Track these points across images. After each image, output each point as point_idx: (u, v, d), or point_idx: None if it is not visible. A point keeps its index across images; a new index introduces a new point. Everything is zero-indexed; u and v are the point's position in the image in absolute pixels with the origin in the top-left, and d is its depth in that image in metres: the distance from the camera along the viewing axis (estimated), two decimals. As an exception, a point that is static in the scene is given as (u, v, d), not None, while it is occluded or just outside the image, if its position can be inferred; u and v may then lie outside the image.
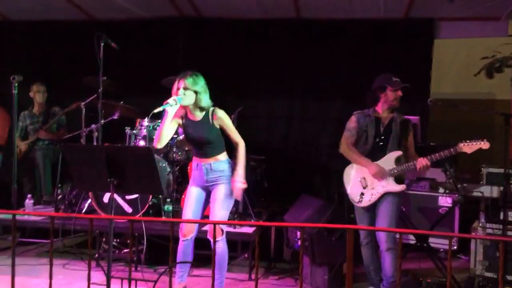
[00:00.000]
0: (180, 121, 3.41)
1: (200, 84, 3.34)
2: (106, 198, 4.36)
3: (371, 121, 3.58)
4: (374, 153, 3.54)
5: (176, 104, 3.23)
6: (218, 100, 4.96)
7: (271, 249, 4.59)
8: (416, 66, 5.43)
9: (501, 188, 3.90)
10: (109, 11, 5.69)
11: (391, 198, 3.47)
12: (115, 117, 4.83)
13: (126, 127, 4.78)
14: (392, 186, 3.47)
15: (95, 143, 4.67)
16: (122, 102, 4.83)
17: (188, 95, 3.28)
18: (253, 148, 5.61)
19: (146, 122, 4.74)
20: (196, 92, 3.30)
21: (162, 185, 4.45)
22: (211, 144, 3.36)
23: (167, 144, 4.75)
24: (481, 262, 4.00)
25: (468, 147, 3.34)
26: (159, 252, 4.25)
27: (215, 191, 3.38)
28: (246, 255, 4.20)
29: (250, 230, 4.23)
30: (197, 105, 3.33)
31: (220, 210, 3.35)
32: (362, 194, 3.54)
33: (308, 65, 5.73)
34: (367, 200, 3.52)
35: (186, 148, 4.88)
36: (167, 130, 3.29)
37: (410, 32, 5.45)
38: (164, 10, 5.64)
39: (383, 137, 3.55)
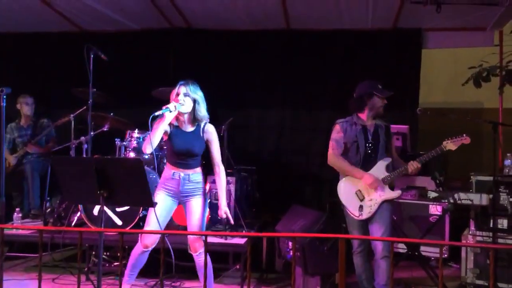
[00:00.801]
0: (168, 129, 3.35)
1: (200, 93, 3.37)
2: (96, 210, 4.31)
3: (359, 129, 3.56)
4: (365, 163, 3.53)
5: (175, 110, 3.22)
6: (208, 111, 5.01)
7: (263, 260, 4.57)
8: (405, 76, 5.49)
9: (491, 196, 3.93)
10: (100, 23, 5.69)
11: (386, 206, 3.48)
12: (105, 128, 4.80)
13: (116, 139, 4.75)
14: (388, 193, 3.48)
15: (84, 155, 4.63)
16: (112, 114, 4.80)
17: (187, 102, 3.28)
18: (244, 158, 5.62)
19: (136, 133, 4.73)
20: (195, 101, 3.31)
21: (153, 197, 4.47)
22: (196, 157, 3.37)
23: (157, 156, 4.76)
24: (472, 270, 4.02)
25: (452, 144, 3.41)
26: (150, 264, 4.20)
27: (193, 204, 3.36)
28: (237, 266, 4.17)
29: (241, 241, 4.21)
30: (193, 114, 3.32)
31: (200, 222, 3.36)
32: (361, 207, 3.50)
33: (298, 76, 5.76)
34: (367, 212, 3.48)
35: (177, 160, 4.86)
36: (160, 136, 3.26)
37: (398, 42, 5.51)
38: (154, 22, 5.65)
39: (371, 145, 3.54)
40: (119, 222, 4.25)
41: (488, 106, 5.99)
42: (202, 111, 3.34)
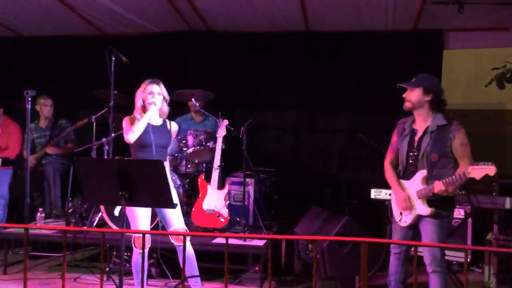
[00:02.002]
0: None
1: (165, 91, 3.63)
2: (116, 211, 4.37)
3: (406, 134, 3.32)
4: (405, 174, 3.30)
5: (156, 105, 3.52)
6: (227, 112, 5.04)
7: (282, 261, 4.56)
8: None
9: (515, 199, 3.85)
10: (120, 26, 5.77)
11: (431, 221, 3.12)
12: (126, 130, 4.84)
13: (136, 141, 4.79)
14: (420, 209, 3.15)
15: (105, 157, 4.69)
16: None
17: (158, 101, 3.54)
18: (263, 160, 5.63)
19: (156, 135, 4.75)
20: (163, 98, 3.58)
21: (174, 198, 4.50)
22: (165, 150, 3.62)
23: (176, 157, 4.80)
24: (495, 275, 3.95)
25: (476, 172, 2.89)
26: (170, 265, 4.23)
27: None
28: (256, 268, 4.17)
29: (260, 243, 4.20)
30: (162, 110, 3.59)
31: (180, 213, 3.52)
32: (401, 213, 3.32)
33: (316, 77, 5.74)
34: (404, 221, 3.29)
35: (196, 161, 4.89)
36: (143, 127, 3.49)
37: (419, 43, 5.44)
38: (174, 25, 5.70)
39: (414, 155, 3.24)
40: (139, 223, 4.28)
41: (510, 107, 5.87)
42: (167, 107, 3.66)
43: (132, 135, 3.45)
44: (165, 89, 3.63)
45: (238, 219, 4.75)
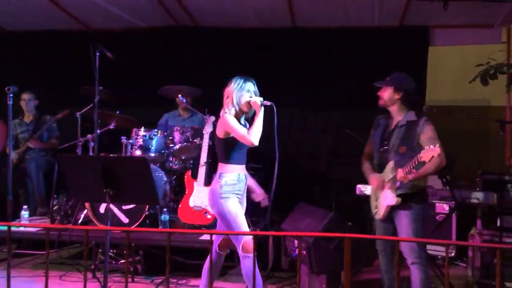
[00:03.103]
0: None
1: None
2: (102, 208, 4.34)
3: (380, 128, 3.50)
4: (379, 166, 3.45)
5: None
6: (214, 109, 5.01)
7: (269, 258, 4.57)
8: (412, 74, 5.41)
9: (497, 194, 3.90)
10: (106, 21, 5.71)
11: (404, 213, 3.24)
12: (111, 127, 4.83)
13: (122, 137, 4.77)
14: (389, 200, 3.28)
15: (91, 153, 4.65)
16: (118, 112, 4.82)
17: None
18: (252, 156, 5.61)
19: (142, 131, 4.74)
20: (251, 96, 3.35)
21: (159, 195, 4.49)
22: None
23: (163, 154, 4.78)
24: (478, 269, 4.00)
25: (425, 155, 2.98)
26: (157, 262, 4.23)
27: (243, 204, 3.40)
28: (243, 265, 4.17)
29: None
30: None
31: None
32: (376, 206, 3.45)
33: (304, 74, 5.75)
34: (377, 213, 3.43)
35: (183, 158, 4.88)
36: None
37: (405, 39, 5.47)
38: (161, 20, 5.65)
39: (385, 147, 3.41)
40: (125, 220, 4.27)
41: (495, 104, 5.93)
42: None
43: (258, 136, 3.20)
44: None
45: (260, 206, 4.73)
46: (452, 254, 4.72)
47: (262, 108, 3.24)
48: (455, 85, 6.03)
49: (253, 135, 3.18)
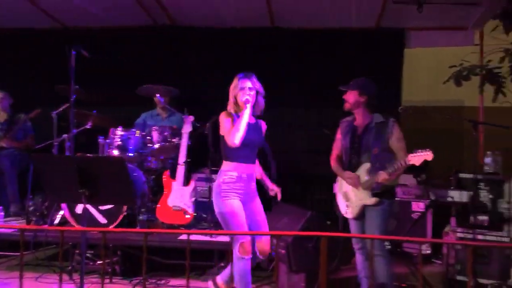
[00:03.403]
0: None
1: (259, 84, 3.32)
2: (79, 209, 4.28)
3: (348, 130, 3.58)
4: (350, 167, 3.54)
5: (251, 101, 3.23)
6: (195, 108, 5.01)
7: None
8: (388, 75, 5.54)
9: (471, 193, 4.00)
10: (82, 20, 5.63)
11: (375, 210, 3.38)
12: (88, 126, 4.76)
13: (99, 137, 4.72)
14: (365, 199, 3.41)
15: (67, 153, 4.59)
16: (95, 111, 4.76)
17: (253, 95, 3.26)
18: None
19: (119, 131, 4.70)
20: (257, 93, 3.28)
21: (137, 195, 4.46)
22: (257, 151, 3.33)
23: (141, 153, 4.74)
24: (453, 266, 4.09)
25: (415, 159, 3.16)
26: (135, 263, 4.19)
27: (257, 203, 3.33)
28: (222, 264, 4.18)
29: (226, 238, 4.21)
30: (257, 106, 3.32)
31: (265, 223, 3.33)
32: (347, 206, 3.56)
33: (282, 73, 5.77)
34: (350, 212, 3.53)
35: (161, 157, 4.85)
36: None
37: (381, 41, 5.55)
38: (138, 19, 5.61)
39: (355, 149, 3.52)
40: (103, 220, 4.23)
41: (469, 104, 6.08)
42: (263, 102, 3.34)
43: (238, 135, 3.09)
44: (259, 83, 3.33)
45: (204, 215, 4.74)
46: (428, 252, 4.81)
47: (247, 109, 3.18)
48: (430, 86, 6.15)
49: (232, 134, 3.13)
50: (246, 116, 3.15)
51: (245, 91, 3.21)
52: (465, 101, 6.29)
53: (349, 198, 3.54)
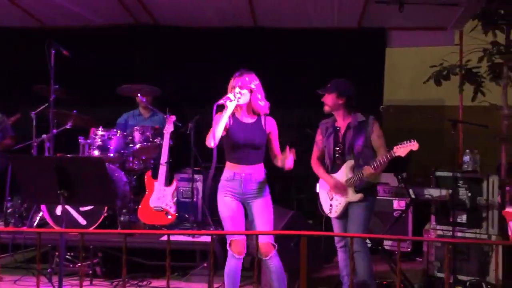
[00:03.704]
0: (228, 122, 3.22)
1: (255, 82, 3.21)
2: (59, 210, 4.22)
3: (331, 131, 3.62)
4: (333, 166, 3.60)
5: (235, 100, 3.09)
6: (178, 108, 4.97)
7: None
8: (370, 74, 5.58)
9: (450, 191, 4.05)
10: (62, 18, 5.55)
11: (358, 207, 3.45)
12: (68, 126, 4.70)
13: (80, 137, 4.66)
14: (350, 196, 3.47)
15: (47, 154, 4.52)
16: (75, 111, 4.70)
17: (244, 94, 3.15)
18: (212, 156, 5.59)
19: (100, 131, 4.64)
20: (251, 90, 3.18)
21: (118, 196, 4.42)
22: (259, 150, 3.22)
23: (122, 154, 4.69)
24: (433, 263, 4.15)
25: (401, 149, 3.22)
26: (116, 264, 4.15)
27: (259, 204, 3.23)
28: (205, 265, 4.17)
29: (208, 238, 4.19)
30: (249, 106, 3.21)
31: (269, 224, 3.24)
32: (331, 205, 3.59)
33: (266, 73, 5.70)
34: (334, 211, 3.57)
35: (143, 158, 4.82)
36: (222, 128, 3.09)
37: (363, 41, 5.57)
38: (119, 18, 5.55)
39: (339, 149, 3.57)
40: (83, 221, 4.18)
41: (449, 103, 6.16)
42: (260, 100, 3.22)
43: (210, 139, 3.03)
44: (256, 80, 3.22)
45: (187, 216, 4.73)
46: (409, 249, 4.87)
47: (226, 109, 3.09)
48: (411, 86, 6.22)
49: (208, 136, 3.10)
50: (223, 118, 3.06)
51: (234, 90, 3.14)
52: (446, 100, 6.38)
53: (333, 196, 3.57)
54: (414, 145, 3.16)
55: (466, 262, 4.05)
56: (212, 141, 3.03)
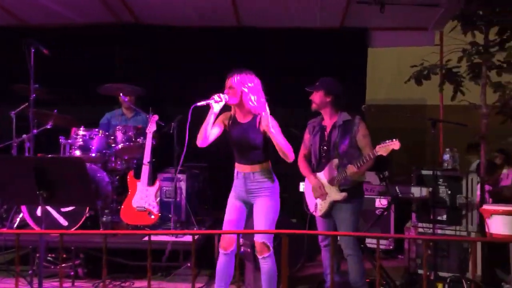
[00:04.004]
0: (227, 122, 3.28)
1: (249, 84, 3.18)
2: (40, 211, 4.17)
3: (317, 130, 3.64)
4: (319, 165, 3.61)
5: (221, 101, 3.11)
6: (161, 107, 4.94)
7: (215, 256, 4.57)
8: (352, 74, 5.63)
9: (430, 189, 4.11)
10: (42, 16, 5.48)
11: (345, 206, 3.44)
12: (49, 126, 4.64)
13: (60, 137, 4.61)
14: (334, 195, 3.46)
15: (27, 154, 4.46)
16: (56, 111, 4.65)
17: (233, 94, 3.16)
18: (195, 155, 5.58)
19: (82, 131, 4.60)
20: (242, 91, 3.16)
21: (100, 196, 4.38)
22: (256, 150, 3.21)
23: (104, 154, 4.65)
24: (414, 260, 4.20)
25: (382, 149, 3.22)
26: (100, 265, 4.11)
27: (258, 204, 3.23)
28: (188, 264, 4.16)
29: (191, 238, 4.19)
30: (242, 106, 3.19)
31: (265, 224, 3.20)
32: (316, 204, 3.60)
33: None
34: (319, 210, 3.58)
35: (126, 157, 4.78)
36: (210, 128, 3.14)
37: (345, 41, 5.62)
38: (100, 17, 5.50)
39: (325, 148, 3.58)
40: (64, 222, 4.13)
41: (430, 103, 6.25)
42: (252, 101, 3.17)
43: (198, 138, 3.15)
44: (248, 78, 3.19)
45: (170, 216, 4.70)
46: (391, 247, 4.93)
47: (212, 110, 3.14)
48: (393, 85, 6.29)
49: (197, 135, 3.19)
50: (208, 118, 3.13)
51: (225, 91, 3.17)
52: (427, 99, 6.47)
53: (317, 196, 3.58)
54: (395, 144, 3.18)
55: (447, 259, 4.11)
56: (199, 140, 3.14)
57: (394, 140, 3.20)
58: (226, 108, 3.27)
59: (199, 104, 3.11)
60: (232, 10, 5.27)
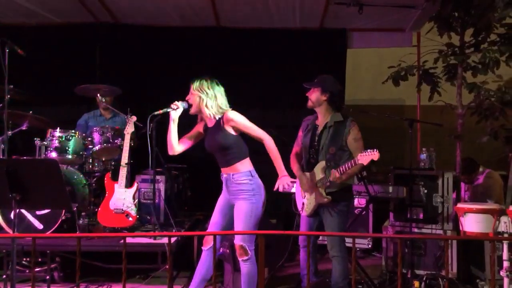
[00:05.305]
0: (201, 130, 3.36)
1: (206, 90, 3.22)
2: (13, 214, 4.08)
3: (309, 130, 3.61)
4: (308, 165, 3.58)
5: (178, 108, 3.22)
6: (140, 108, 4.89)
7: (194, 258, 4.55)
8: (331, 74, 5.61)
9: (407, 188, 4.17)
10: (17, 16, 5.37)
11: (332, 209, 3.40)
12: (24, 127, 4.54)
13: (35, 138, 4.51)
14: (319, 198, 3.43)
15: (1, 156, 4.36)
16: (31, 112, 4.55)
17: (192, 101, 3.24)
18: (175, 156, 5.54)
19: (58, 132, 4.51)
20: (200, 98, 3.21)
21: (77, 199, 4.31)
22: (226, 151, 3.21)
23: (81, 155, 4.58)
24: (392, 259, 4.25)
25: (364, 158, 3.18)
26: (75, 269, 4.05)
27: (236, 206, 3.22)
28: (166, 266, 4.12)
29: (171, 240, 4.15)
30: (202, 112, 3.25)
31: (242, 227, 3.18)
32: (303, 203, 3.57)
33: (228, 73, 5.75)
34: (305, 210, 3.56)
35: (103, 159, 4.72)
36: (173, 136, 3.26)
37: (324, 41, 5.66)
38: (78, 16, 5.42)
39: (315, 148, 3.54)
40: (39, 225, 4.05)
41: (408, 103, 6.34)
42: (209, 108, 3.21)
43: (169, 148, 3.28)
44: (208, 86, 3.26)
45: (149, 217, 4.66)
46: (369, 246, 4.97)
47: (170, 117, 3.32)
48: (372, 86, 6.35)
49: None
50: (169, 127, 3.25)
51: (186, 97, 3.29)
52: (406, 100, 6.56)
53: (306, 195, 3.56)
54: (375, 155, 3.14)
55: (423, 257, 4.17)
56: (168, 149, 3.28)
57: (374, 151, 3.16)
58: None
59: (156, 113, 3.24)
60: (211, 10, 5.25)
